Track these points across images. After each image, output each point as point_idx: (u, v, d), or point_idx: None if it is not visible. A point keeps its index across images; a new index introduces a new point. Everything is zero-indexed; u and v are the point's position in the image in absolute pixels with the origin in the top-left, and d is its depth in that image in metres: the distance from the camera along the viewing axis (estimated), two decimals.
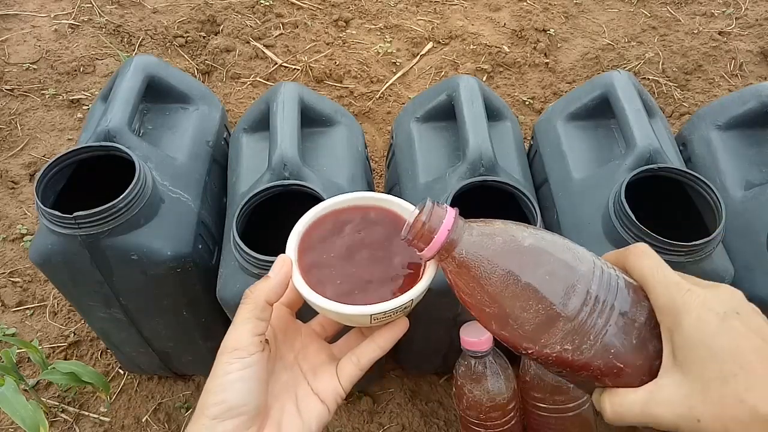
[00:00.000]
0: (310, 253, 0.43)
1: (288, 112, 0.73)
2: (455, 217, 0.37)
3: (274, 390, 0.41)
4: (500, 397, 0.75)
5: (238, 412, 0.37)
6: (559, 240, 0.38)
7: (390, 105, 1.41)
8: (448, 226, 0.37)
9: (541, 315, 0.35)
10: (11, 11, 1.57)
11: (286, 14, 1.59)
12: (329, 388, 0.42)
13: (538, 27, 1.56)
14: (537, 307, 0.35)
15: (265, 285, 0.40)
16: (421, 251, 0.38)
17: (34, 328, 1.04)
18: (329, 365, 0.44)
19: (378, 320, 0.42)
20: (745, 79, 1.46)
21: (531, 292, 0.35)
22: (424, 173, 0.77)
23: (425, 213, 0.37)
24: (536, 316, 0.35)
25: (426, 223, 0.37)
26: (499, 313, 0.36)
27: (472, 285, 0.37)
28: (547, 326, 0.35)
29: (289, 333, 0.44)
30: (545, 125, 0.87)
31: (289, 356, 0.43)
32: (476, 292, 0.37)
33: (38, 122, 1.34)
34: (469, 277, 0.37)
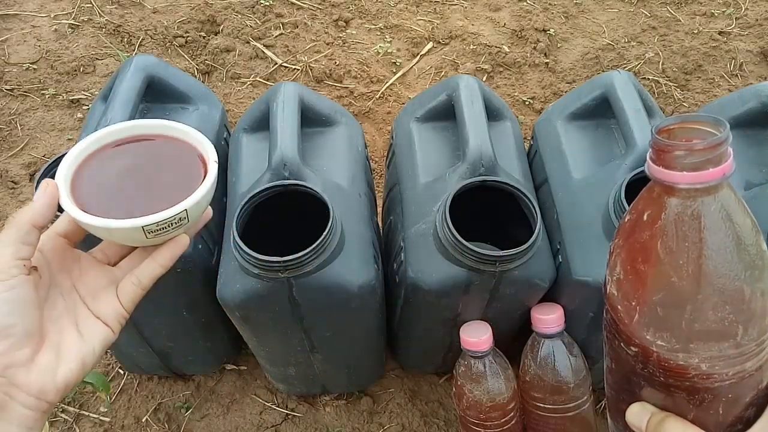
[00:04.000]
0: (86, 178, 0.44)
1: (288, 112, 0.73)
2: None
3: (51, 316, 0.41)
4: (500, 397, 0.75)
5: (6, 334, 0.37)
6: None
7: (390, 105, 1.41)
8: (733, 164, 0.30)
9: (724, 325, 0.30)
10: (11, 11, 1.57)
11: (286, 14, 1.59)
12: (110, 309, 0.43)
13: (538, 27, 1.56)
14: (729, 315, 0.30)
15: (28, 208, 0.40)
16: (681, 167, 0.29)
17: None
18: (110, 288, 0.44)
19: (154, 234, 0.42)
20: (745, 79, 1.46)
21: (739, 297, 0.30)
22: (424, 173, 0.77)
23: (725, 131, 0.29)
24: (719, 321, 0.30)
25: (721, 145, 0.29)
26: (685, 293, 0.30)
27: (688, 245, 0.29)
28: (715, 338, 0.30)
29: (67, 261, 0.44)
30: (545, 125, 0.86)
31: (66, 283, 0.44)
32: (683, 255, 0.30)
33: (38, 122, 1.34)
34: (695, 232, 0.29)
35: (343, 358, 0.83)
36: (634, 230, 0.31)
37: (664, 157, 0.30)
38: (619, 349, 0.36)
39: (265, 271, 0.62)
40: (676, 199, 0.30)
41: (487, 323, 0.75)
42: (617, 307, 0.33)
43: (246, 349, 0.99)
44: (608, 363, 0.40)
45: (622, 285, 0.33)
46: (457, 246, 0.65)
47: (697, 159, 0.29)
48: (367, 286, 0.68)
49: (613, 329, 0.35)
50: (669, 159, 0.29)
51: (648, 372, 0.33)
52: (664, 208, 0.30)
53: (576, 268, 0.70)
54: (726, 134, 0.29)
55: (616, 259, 0.32)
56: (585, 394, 0.77)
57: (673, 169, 0.29)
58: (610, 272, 0.33)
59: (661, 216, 0.30)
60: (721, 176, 0.29)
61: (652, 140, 0.30)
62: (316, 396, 0.97)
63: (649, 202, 0.31)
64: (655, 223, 0.30)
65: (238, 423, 0.94)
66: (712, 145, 0.28)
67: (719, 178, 0.29)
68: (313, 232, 0.63)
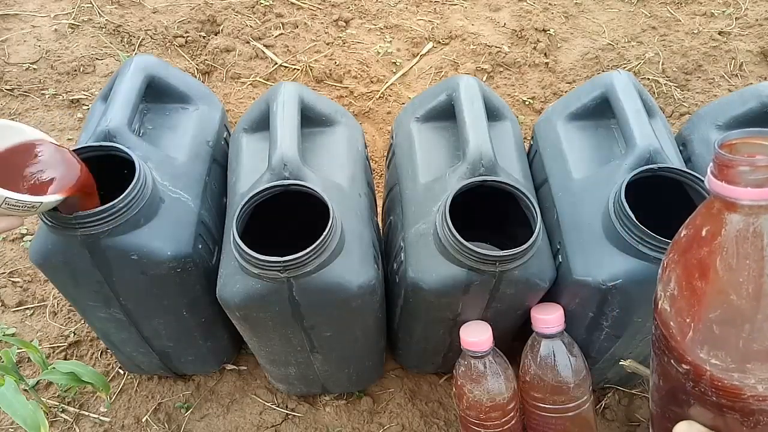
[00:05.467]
0: None
1: (288, 112, 0.73)
2: None
3: None
4: (500, 397, 0.75)
5: None
6: None
7: (390, 105, 1.41)
8: None
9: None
10: (11, 11, 1.57)
11: (286, 14, 1.59)
12: None
13: (538, 27, 1.56)
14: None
15: None
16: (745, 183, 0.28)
17: (34, 328, 1.04)
18: None
19: (8, 207, 0.52)
20: (745, 79, 1.46)
21: None
22: (424, 173, 0.77)
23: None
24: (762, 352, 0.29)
25: None
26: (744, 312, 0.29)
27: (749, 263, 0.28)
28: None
29: None
30: (545, 125, 0.86)
31: None
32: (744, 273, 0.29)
33: (38, 122, 1.34)
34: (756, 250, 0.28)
35: (343, 358, 0.83)
36: (691, 245, 0.31)
37: (726, 173, 0.29)
38: (669, 366, 0.34)
39: (265, 271, 0.62)
40: (737, 216, 0.29)
41: (487, 323, 0.75)
42: (669, 323, 0.33)
43: (246, 349, 0.99)
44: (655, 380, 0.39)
45: (676, 301, 0.32)
46: (457, 246, 0.65)
47: (761, 175, 0.28)
48: (367, 286, 0.68)
49: (663, 345, 0.34)
50: (732, 174, 0.29)
51: (699, 391, 0.32)
52: (724, 224, 0.29)
53: (576, 268, 0.70)
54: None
55: (671, 274, 0.32)
56: (585, 394, 0.77)
57: (736, 184, 0.28)
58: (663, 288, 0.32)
59: (721, 232, 0.29)
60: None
61: (714, 154, 0.29)
62: (316, 396, 0.97)
63: (708, 217, 0.30)
64: (714, 239, 0.29)
65: (238, 423, 0.94)
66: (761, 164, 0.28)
67: None
68: (313, 232, 0.63)
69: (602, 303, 0.70)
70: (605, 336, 0.75)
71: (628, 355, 0.79)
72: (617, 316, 0.71)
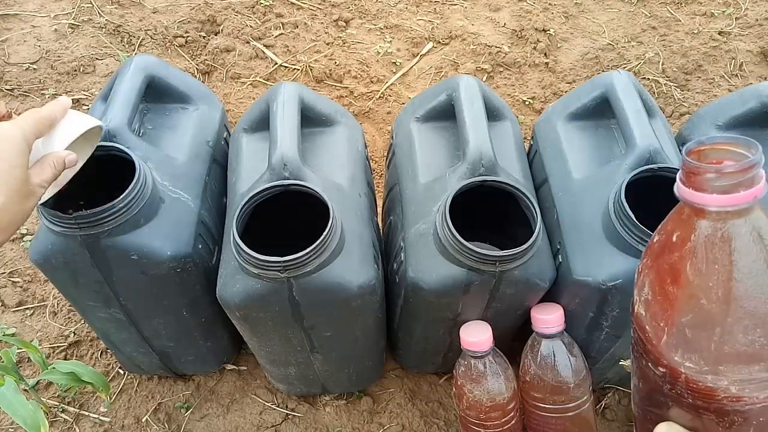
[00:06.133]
0: None
1: (288, 112, 0.73)
2: None
3: None
4: (500, 397, 0.75)
5: None
6: None
7: (390, 105, 1.41)
8: (765, 186, 0.29)
9: (755, 347, 0.29)
10: (11, 11, 1.57)
11: (286, 14, 1.59)
12: None
13: (538, 27, 1.56)
14: (759, 338, 0.29)
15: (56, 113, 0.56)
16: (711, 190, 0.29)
17: (34, 328, 1.04)
18: None
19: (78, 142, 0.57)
20: (745, 79, 1.46)
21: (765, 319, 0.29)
22: (424, 173, 0.77)
23: (758, 154, 0.29)
24: (749, 344, 0.29)
25: (756, 165, 0.28)
26: (714, 316, 0.29)
27: (717, 267, 0.29)
28: (745, 361, 0.30)
29: None
30: (545, 125, 0.86)
31: None
32: (713, 278, 0.29)
33: None
34: (725, 255, 0.29)
35: (343, 358, 0.83)
36: (663, 251, 0.31)
37: (694, 179, 0.29)
38: (647, 369, 0.35)
39: (265, 271, 0.62)
40: (706, 222, 0.29)
41: (487, 323, 0.75)
42: (645, 327, 0.33)
43: (246, 349, 0.99)
44: (635, 382, 0.39)
45: (650, 306, 0.32)
46: (457, 246, 0.65)
47: (728, 181, 0.28)
48: (367, 286, 0.68)
49: (640, 349, 0.34)
50: (699, 181, 0.29)
51: (676, 393, 0.33)
52: (693, 229, 0.30)
53: (576, 268, 0.70)
54: (758, 156, 0.29)
55: (644, 279, 0.32)
56: (585, 394, 0.77)
57: (703, 191, 0.29)
58: (638, 292, 0.33)
59: (690, 238, 0.30)
60: (752, 199, 0.28)
61: (682, 161, 0.30)
62: (316, 396, 0.97)
63: (678, 223, 0.31)
64: (684, 245, 0.30)
65: (238, 423, 0.94)
66: (744, 168, 0.28)
67: (751, 201, 0.28)
68: (313, 232, 0.63)
69: (602, 303, 0.70)
70: (605, 336, 0.75)
71: (628, 355, 0.79)
72: (617, 316, 0.71)
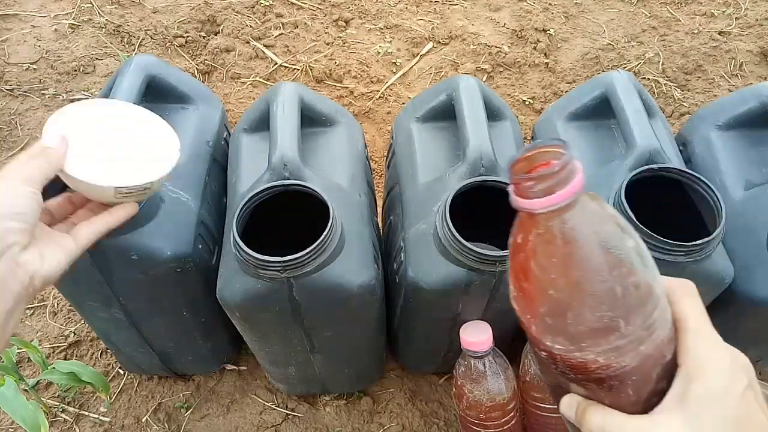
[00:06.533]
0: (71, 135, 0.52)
1: (288, 112, 0.73)
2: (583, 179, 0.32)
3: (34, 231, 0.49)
4: (500, 397, 0.75)
5: (23, 219, 0.46)
6: (649, 254, 0.35)
7: (390, 105, 1.41)
8: (581, 180, 0.32)
9: (604, 322, 0.32)
10: (11, 11, 1.57)
11: (286, 14, 1.59)
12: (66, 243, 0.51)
13: (538, 27, 1.56)
14: (606, 313, 0.32)
15: (56, 153, 0.50)
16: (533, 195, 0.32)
17: (34, 328, 1.04)
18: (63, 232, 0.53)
19: (121, 195, 0.52)
20: (745, 79, 1.46)
21: (611, 296, 0.32)
22: (424, 173, 0.77)
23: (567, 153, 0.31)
24: (599, 320, 0.32)
25: (566, 166, 0.31)
26: (563, 302, 0.33)
27: (554, 261, 0.32)
28: (600, 335, 0.33)
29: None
30: (545, 125, 0.87)
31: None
32: (552, 268, 0.32)
33: (38, 122, 1.34)
34: (557, 249, 0.32)
35: (343, 358, 0.83)
36: (514, 253, 0.34)
37: (518, 188, 0.32)
38: (535, 353, 0.39)
39: (265, 271, 0.62)
40: (538, 222, 0.32)
41: (487, 323, 0.75)
42: (520, 319, 0.36)
43: (246, 349, 0.99)
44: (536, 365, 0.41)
45: (516, 301, 0.36)
46: (457, 246, 0.65)
47: (545, 185, 0.31)
48: (367, 286, 0.68)
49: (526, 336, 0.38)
50: (522, 189, 0.32)
51: (560, 370, 0.36)
52: (530, 230, 0.33)
53: None
54: (567, 157, 0.31)
55: (508, 278, 0.36)
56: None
57: (527, 197, 0.32)
58: (509, 289, 0.36)
59: (529, 238, 0.33)
60: (571, 195, 0.31)
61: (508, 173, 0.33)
62: (316, 396, 0.97)
63: (519, 226, 0.34)
64: (526, 245, 0.33)
65: (238, 423, 0.94)
66: (555, 171, 0.31)
67: (570, 197, 0.31)
68: (313, 232, 0.63)
69: None
70: None
71: None
72: None
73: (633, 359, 0.34)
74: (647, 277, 0.33)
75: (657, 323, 0.34)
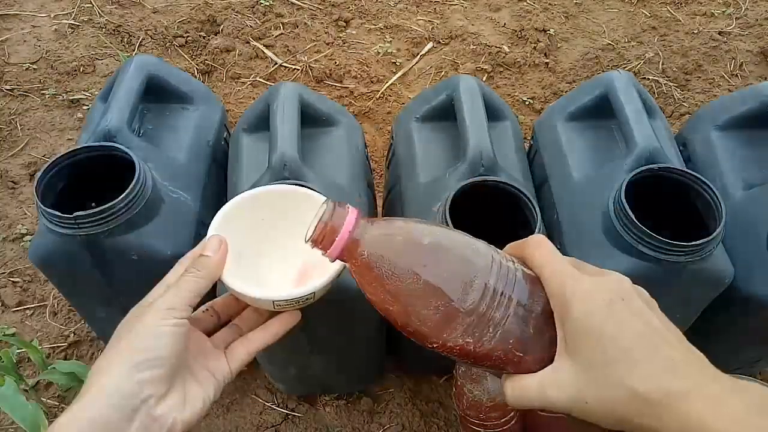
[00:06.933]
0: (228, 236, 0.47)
1: (288, 112, 0.73)
2: (357, 218, 0.38)
3: None
4: (500, 397, 0.75)
5: (161, 363, 0.39)
6: (458, 236, 0.39)
7: (390, 105, 1.41)
8: (350, 227, 0.38)
9: (441, 311, 0.36)
10: (11, 11, 1.57)
11: (286, 14, 1.59)
12: (219, 368, 0.45)
13: (538, 27, 1.56)
14: (437, 304, 0.36)
15: (213, 263, 0.44)
16: (326, 252, 0.38)
17: (34, 328, 1.04)
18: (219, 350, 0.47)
19: (280, 306, 0.46)
20: (745, 79, 1.46)
21: (430, 289, 0.36)
22: (424, 173, 0.77)
23: (326, 214, 0.38)
24: (436, 312, 0.36)
25: (328, 224, 0.38)
26: (402, 311, 0.37)
27: (375, 284, 0.38)
28: (447, 322, 0.36)
29: None
30: (545, 125, 0.86)
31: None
32: (379, 291, 0.38)
33: (38, 122, 1.34)
34: (371, 276, 0.38)
35: (343, 359, 0.83)
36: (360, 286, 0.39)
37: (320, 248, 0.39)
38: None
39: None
40: (348, 263, 0.39)
41: None
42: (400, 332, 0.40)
43: None
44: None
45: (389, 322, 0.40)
46: None
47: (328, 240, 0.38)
48: None
49: None
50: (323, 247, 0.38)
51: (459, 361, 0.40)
52: (351, 269, 0.39)
53: None
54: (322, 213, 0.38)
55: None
56: None
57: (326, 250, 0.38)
58: None
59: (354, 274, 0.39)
60: (345, 241, 0.37)
61: None
62: (316, 396, 0.97)
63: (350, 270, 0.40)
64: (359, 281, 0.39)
65: (238, 423, 0.94)
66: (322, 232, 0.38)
67: (344, 243, 0.37)
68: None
69: None
70: None
71: None
72: None
73: (498, 326, 0.36)
74: (459, 257, 0.37)
75: (500, 287, 0.36)
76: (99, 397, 0.37)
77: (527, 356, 0.37)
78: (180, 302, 0.41)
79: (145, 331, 0.40)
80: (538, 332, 0.37)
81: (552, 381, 0.36)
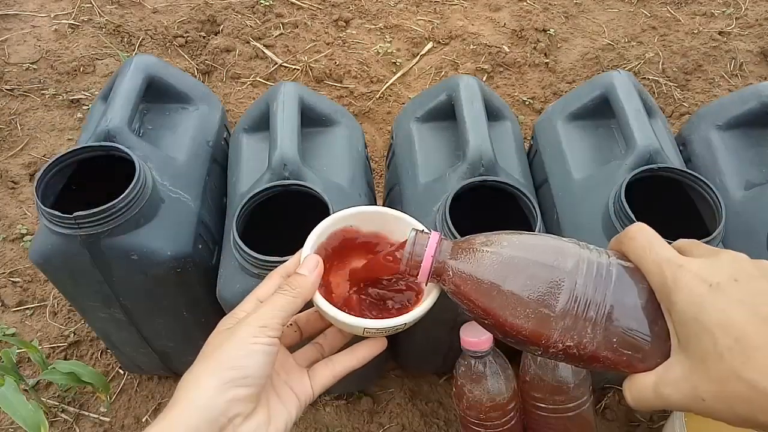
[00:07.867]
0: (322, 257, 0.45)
1: (288, 112, 0.73)
2: (438, 242, 0.40)
3: None
4: (500, 397, 0.75)
5: (250, 382, 0.38)
6: (541, 242, 0.39)
7: (390, 105, 1.41)
8: (431, 252, 0.40)
9: (533, 318, 0.36)
10: (11, 11, 1.57)
11: (286, 14, 1.59)
12: (301, 387, 0.44)
13: (538, 27, 1.56)
14: (526, 312, 0.36)
15: (309, 283, 0.42)
16: (416, 279, 0.41)
17: (34, 328, 1.04)
18: (302, 369, 0.46)
19: (370, 333, 0.45)
20: (745, 79, 1.46)
21: (515, 299, 0.37)
22: (424, 173, 0.77)
23: (409, 243, 0.41)
24: (528, 320, 0.37)
25: (412, 252, 0.41)
26: (497, 323, 0.38)
27: (467, 302, 0.39)
28: (542, 328, 0.36)
29: None
30: (545, 125, 0.87)
31: None
32: (472, 307, 0.39)
33: (38, 122, 1.34)
34: (462, 294, 0.40)
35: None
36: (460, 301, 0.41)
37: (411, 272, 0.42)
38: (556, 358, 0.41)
39: (265, 271, 0.62)
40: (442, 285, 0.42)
41: None
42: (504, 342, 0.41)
43: None
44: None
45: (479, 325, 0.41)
46: None
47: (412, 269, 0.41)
48: None
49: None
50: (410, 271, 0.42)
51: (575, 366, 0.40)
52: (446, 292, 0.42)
53: None
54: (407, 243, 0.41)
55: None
56: (585, 394, 0.77)
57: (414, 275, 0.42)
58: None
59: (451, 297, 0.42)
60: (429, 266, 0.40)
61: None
62: None
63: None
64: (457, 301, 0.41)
65: None
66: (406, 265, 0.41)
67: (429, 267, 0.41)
68: None
69: None
70: None
71: None
72: None
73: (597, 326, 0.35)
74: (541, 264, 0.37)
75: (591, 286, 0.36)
76: (189, 411, 0.36)
77: (637, 354, 0.35)
78: (273, 321, 0.40)
79: (237, 348, 0.39)
80: (643, 327, 0.35)
81: (666, 379, 0.33)
